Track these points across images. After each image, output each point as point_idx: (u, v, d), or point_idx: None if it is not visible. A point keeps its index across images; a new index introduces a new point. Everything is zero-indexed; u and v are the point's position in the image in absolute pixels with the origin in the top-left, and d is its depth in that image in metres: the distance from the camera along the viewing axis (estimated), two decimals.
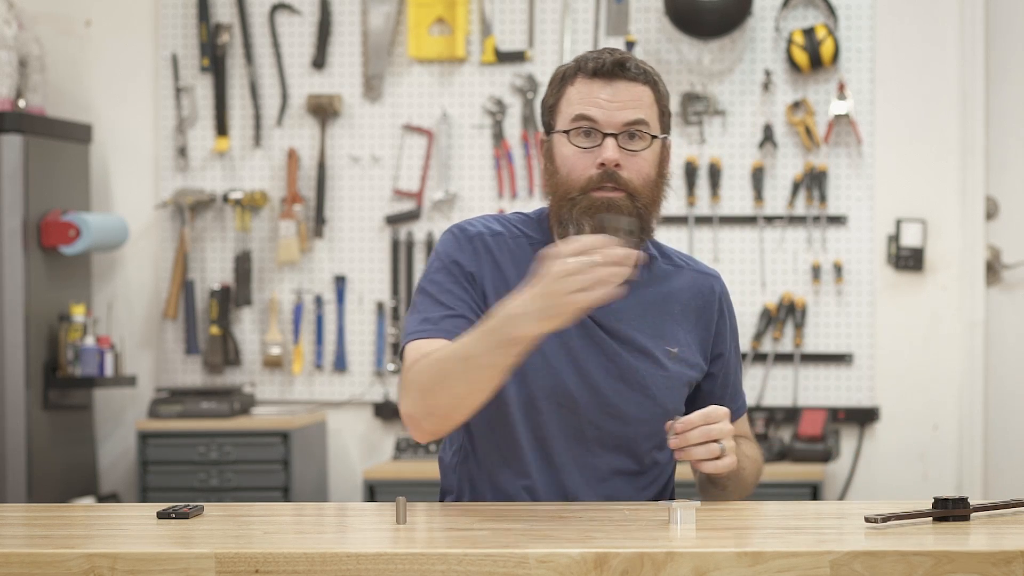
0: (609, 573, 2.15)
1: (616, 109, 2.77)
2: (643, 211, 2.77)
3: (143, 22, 5.97)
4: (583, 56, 2.82)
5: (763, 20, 5.72)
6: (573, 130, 2.77)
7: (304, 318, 5.88)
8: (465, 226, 2.83)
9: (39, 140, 5.56)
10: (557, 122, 2.80)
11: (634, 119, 2.77)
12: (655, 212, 2.81)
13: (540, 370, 2.77)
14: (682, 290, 2.88)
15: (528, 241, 2.83)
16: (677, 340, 2.85)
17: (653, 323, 2.84)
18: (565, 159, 2.78)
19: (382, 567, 2.16)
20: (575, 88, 2.79)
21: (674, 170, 5.73)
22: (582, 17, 5.78)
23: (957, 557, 2.14)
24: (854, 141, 5.68)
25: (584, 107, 2.77)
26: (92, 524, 2.59)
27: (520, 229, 2.85)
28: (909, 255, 5.65)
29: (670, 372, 2.82)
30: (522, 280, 2.70)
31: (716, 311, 2.90)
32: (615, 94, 2.77)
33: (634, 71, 2.79)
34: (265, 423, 5.60)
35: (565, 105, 2.79)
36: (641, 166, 2.78)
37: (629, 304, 2.81)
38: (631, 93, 2.79)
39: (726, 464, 2.64)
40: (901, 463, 5.69)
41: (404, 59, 5.86)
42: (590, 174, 2.76)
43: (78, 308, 5.64)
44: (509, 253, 2.80)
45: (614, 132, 2.76)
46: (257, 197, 5.83)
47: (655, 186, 2.80)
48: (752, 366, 5.73)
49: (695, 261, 2.95)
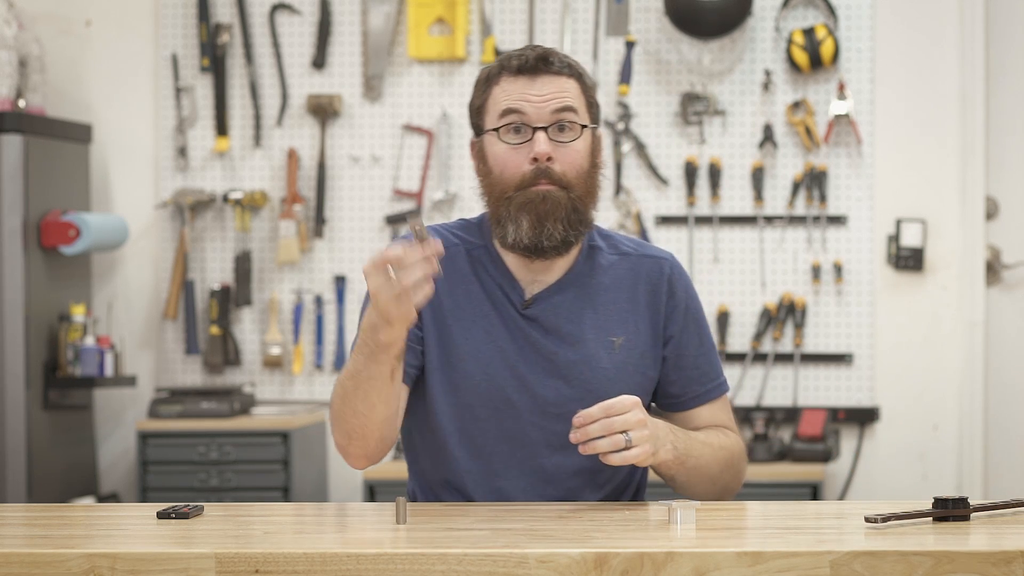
0: (609, 573, 2.15)
1: (543, 102, 2.77)
2: (578, 203, 2.77)
3: (143, 22, 5.97)
4: (506, 55, 2.83)
5: (763, 20, 5.72)
6: (503, 127, 2.77)
7: (304, 318, 5.89)
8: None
9: (39, 140, 5.56)
10: (485, 123, 2.81)
11: (562, 107, 2.77)
12: (591, 203, 2.81)
13: (475, 377, 2.79)
14: (627, 277, 2.86)
15: (465, 246, 2.85)
16: (625, 329, 2.83)
17: (595, 315, 2.82)
18: (497, 157, 2.78)
19: (382, 567, 2.16)
20: (500, 87, 2.79)
21: (674, 170, 5.77)
22: (582, 17, 5.78)
23: (957, 557, 2.14)
24: (854, 141, 5.68)
25: (511, 102, 2.77)
26: (92, 524, 2.59)
27: (457, 235, 2.87)
28: (909, 255, 5.65)
29: (614, 363, 2.81)
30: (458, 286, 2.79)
31: (665, 293, 2.86)
32: (541, 88, 2.77)
33: (558, 64, 2.79)
34: (265, 423, 5.60)
35: (492, 104, 2.80)
36: (573, 157, 2.78)
37: (567, 299, 2.82)
38: (557, 85, 2.78)
39: (634, 455, 2.58)
40: (901, 463, 5.69)
41: (404, 59, 5.86)
42: (523, 171, 2.76)
43: (78, 308, 5.64)
44: (447, 262, 2.77)
45: (543, 125, 2.76)
46: (257, 197, 5.83)
47: (589, 176, 2.80)
48: (752, 366, 5.73)
49: (645, 246, 2.92)
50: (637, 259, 2.87)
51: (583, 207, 2.78)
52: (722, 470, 2.80)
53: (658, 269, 2.87)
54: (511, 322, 2.80)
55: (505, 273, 2.82)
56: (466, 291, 2.82)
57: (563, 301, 2.81)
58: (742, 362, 5.72)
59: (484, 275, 2.83)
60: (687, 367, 2.86)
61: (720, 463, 2.79)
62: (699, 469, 2.75)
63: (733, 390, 5.73)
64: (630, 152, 5.77)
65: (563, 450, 2.76)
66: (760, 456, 5.54)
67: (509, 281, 2.82)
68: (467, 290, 2.82)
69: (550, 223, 2.75)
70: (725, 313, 5.72)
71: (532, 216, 2.75)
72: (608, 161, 5.78)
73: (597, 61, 5.71)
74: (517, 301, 2.81)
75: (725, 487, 2.82)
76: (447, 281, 2.79)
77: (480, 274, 2.83)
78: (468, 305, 2.81)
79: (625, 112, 5.73)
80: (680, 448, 2.70)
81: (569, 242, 2.78)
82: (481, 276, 2.83)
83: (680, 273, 2.89)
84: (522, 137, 2.77)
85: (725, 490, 2.83)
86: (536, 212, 2.75)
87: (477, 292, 2.82)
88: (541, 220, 2.75)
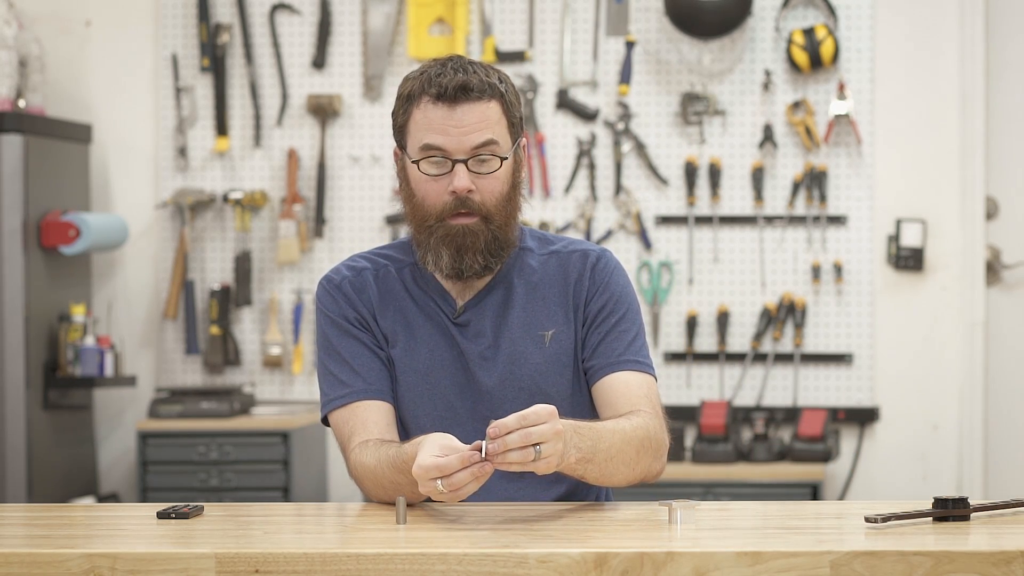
0: (609, 573, 2.15)
1: (463, 135, 2.76)
2: (498, 232, 2.80)
3: (143, 22, 5.97)
4: (428, 72, 2.80)
5: (763, 20, 5.72)
6: (423, 160, 2.78)
7: (304, 318, 5.88)
8: (331, 276, 2.90)
9: (39, 140, 5.56)
10: (408, 143, 2.81)
11: (482, 142, 2.76)
12: (512, 226, 2.83)
13: (418, 388, 2.83)
14: (556, 273, 2.88)
15: (395, 266, 2.89)
16: (555, 322, 2.85)
17: (524, 312, 2.85)
18: (418, 185, 2.80)
19: (382, 567, 2.16)
20: (421, 112, 2.78)
21: (674, 170, 5.76)
22: (582, 17, 5.78)
23: (957, 557, 2.14)
24: (854, 141, 5.68)
25: (431, 136, 2.76)
26: (92, 524, 2.59)
27: (387, 256, 2.91)
28: (909, 255, 5.65)
29: (545, 357, 2.83)
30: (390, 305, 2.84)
31: (587, 279, 2.86)
32: (461, 119, 2.76)
33: (477, 90, 2.76)
34: (265, 423, 5.60)
35: (413, 128, 2.79)
36: (494, 187, 2.79)
37: (495, 300, 2.86)
38: (477, 114, 2.76)
39: (540, 467, 2.50)
40: (901, 463, 5.69)
41: (404, 59, 5.86)
42: (444, 200, 2.78)
43: (78, 308, 5.64)
44: (375, 284, 2.86)
45: (463, 158, 2.77)
46: (257, 197, 5.83)
47: (509, 200, 2.82)
48: (752, 366, 5.73)
49: (578, 242, 2.92)
50: (566, 255, 2.90)
51: (503, 235, 2.81)
52: (639, 452, 2.71)
53: (581, 260, 2.88)
54: (445, 331, 2.84)
55: (436, 287, 2.87)
56: (400, 308, 2.87)
57: (491, 303, 2.86)
58: (742, 362, 5.72)
59: (416, 291, 2.88)
60: (599, 340, 2.85)
61: (635, 446, 2.70)
62: (611, 460, 2.66)
63: (733, 390, 5.73)
64: (630, 152, 5.77)
65: None
66: (760, 456, 5.54)
67: (440, 293, 2.87)
68: (401, 306, 2.87)
69: (469, 256, 2.79)
70: (725, 313, 5.72)
71: (452, 249, 2.79)
72: (608, 161, 5.78)
73: (597, 61, 5.71)
74: (448, 312, 2.86)
75: (646, 469, 2.74)
76: (380, 302, 2.86)
77: (412, 291, 2.88)
78: (404, 322, 2.86)
79: (625, 112, 5.73)
80: (585, 447, 2.60)
81: (490, 268, 2.83)
82: (413, 293, 2.88)
83: (606, 262, 2.89)
84: (442, 168, 2.77)
85: (647, 472, 2.74)
86: (455, 245, 2.79)
87: (411, 308, 2.87)
88: (460, 253, 2.79)
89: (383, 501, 2.74)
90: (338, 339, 2.86)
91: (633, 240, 5.77)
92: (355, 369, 2.83)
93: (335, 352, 2.85)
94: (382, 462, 2.69)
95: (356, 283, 2.88)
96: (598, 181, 5.79)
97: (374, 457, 2.72)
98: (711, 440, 5.53)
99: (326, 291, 2.89)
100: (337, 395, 2.84)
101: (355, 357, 2.84)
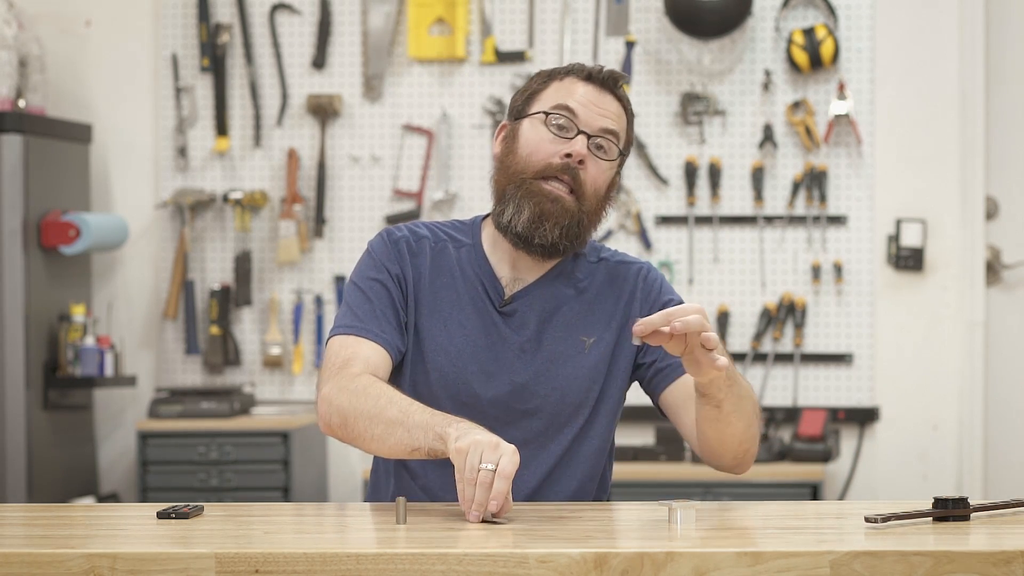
0: (609, 573, 2.15)
1: (599, 114, 2.83)
2: (583, 217, 2.82)
3: (143, 22, 5.97)
4: (578, 63, 2.89)
5: (763, 20, 5.72)
6: (552, 114, 2.82)
7: (304, 318, 5.89)
8: (392, 230, 2.91)
9: (39, 140, 5.56)
10: (533, 107, 2.85)
11: (611, 128, 2.84)
12: (595, 223, 2.87)
13: (443, 369, 2.81)
14: (604, 282, 2.90)
15: (453, 244, 2.89)
16: (597, 330, 2.86)
17: (569, 315, 2.86)
18: (530, 140, 2.82)
19: (382, 567, 2.16)
20: (563, 84, 2.85)
21: (674, 170, 5.77)
22: (582, 17, 5.78)
23: (957, 557, 2.14)
24: (854, 141, 5.69)
25: (569, 99, 2.82)
26: (92, 524, 2.59)
27: (448, 233, 2.91)
28: (909, 255, 5.65)
29: (583, 363, 2.84)
30: (439, 278, 2.83)
31: (640, 291, 2.89)
32: (600, 100, 2.84)
33: (622, 93, 2.88)
34: (265, 423, 5.60)
35: (548, 94, 2.85)
36: (598, 175, 2.84)
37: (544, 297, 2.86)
38: (614, 107, 2.86)
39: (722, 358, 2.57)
40: (901, 463, 5.69)
41: (404, 59, 5.86)
42: (552, 160, 2.81)
43: (78, 308, 5.64)
44: (430, 255, 2.87)
45: (588, 132, 2.82)
46: (257, 197, 5.83)
47: (602, 200, 2.87)
48: (752, 366, 5.73)
49: (625, 255, 2.97)
50: (615, 265, 2.93)
51: (587, 223, 2.84)
52: (754, 413, 2.77)
53: (634, 273, 2.92)
54: (487, 318, 2.84)
55: (488, 272, 2.87)
56: (447, 284, 2.86)
57: (539, 299, 2.85)
58: (742, 362, 5.72)
59: (468, 271, 2.87)
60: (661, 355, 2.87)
61: (753, 404, 2.77)
62: (743, 400, 2.72)
63: None
64: (630, 152, 5.77)
65: (525, 446, 2.77)
66: (760, 456, 5.54)
67: (491, 279, 2.86)
68: (448, 283, 2.86)
69: (548, 224, 2.80)
70: (725, 313, 5.73)
71: (536, 210, 2.79)
72: None
73: (597, 61, 5.71)
74: (496, 298, 2.85)
75: (753, 438, 2.78)
76: (430, 273, 2.85)
77: (464, 270, 2.87)
78: (447, 298, 2.85)
79: None
80: (730, 369, 2.67)
81: (558, 249, 2.83)
82: (465, 272, 2.87)
83: (655, 275, 2.94)
84: (565, 133, 2.81)
85: (752, 441, 2.78)
86: (541, 208, 2.79)
87: (459, 286, 2.86)
88: (542, 218, 2.79)
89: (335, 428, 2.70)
90: (372, 282, 2.84)
91: (633, 240, 5.77)
92: (376, 314, 2.81)
93: (363, 292, 2.83)
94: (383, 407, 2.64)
95: (413, 246, 2.88)
96: None
97: (373, 397, 2.66)
98: None
99: (382, 239, 2.89)
100: (352, 323, 2.81)
101: (381, 303, 2.82)
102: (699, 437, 2.79)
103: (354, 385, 2.71)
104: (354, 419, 2.68)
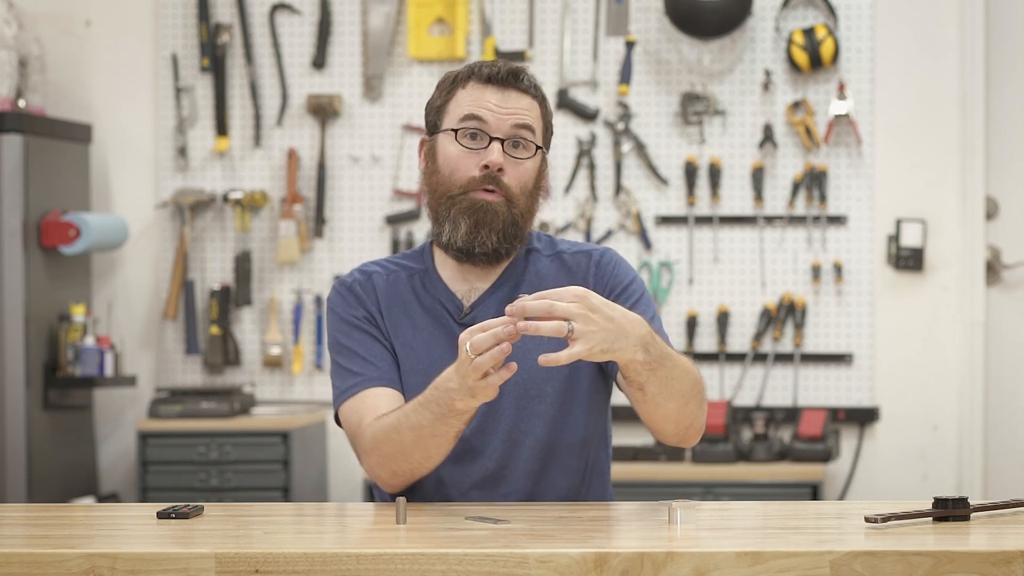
0: (609, 573, 2.15)
1: (505, 115, 2.83)
2: (518, 217, 2.84)
3: (143, 22, 5.97)
4: (477, 63, 2.89)
5: (763, 20, 5.72)
6: (461, 129, 2.83)
7: (304, 318, 5.89)
8: (343, 279, 2.95)
9: (39, 140, 5.56)
10: (444, 121, 2.87)
11: (522, 124, 2.84)
12: (529, 220, 2.87)
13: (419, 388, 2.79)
14: (560, 272, 2.90)
15: (406, 273, 2.93)
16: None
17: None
18: (449, 158, 2.84)
19: (382, 567, 2.16)
20: (466, 91, 2.86)
21: (674, 170, 5.77)
22: (582, 17, 5.78)
23: (957, 557, 2.14)
24: (854, 141, 5.68)
25: (474, 108, 2.83)
26: (92, 524, 2.59)
27: (399, 264, 2.95)
28: (909, 255, 5.65)
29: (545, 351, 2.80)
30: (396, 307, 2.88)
31: (592, 276, 2.89)
32: (505, 100, 2.84)
33: (526, 83, 2.87)
34: (265, 423, 5.60)
35: (454, 106, 2.86)
36: (522, 174, 2.85)
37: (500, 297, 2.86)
38: (521, 103, 2.85)
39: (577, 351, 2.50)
40: (901, 463, 5.69)
41: (404, 59, 5.86)
42: (472, 174, 2.83)
43: (78, 308, 5.64)
44: (384, 287, 2.91)
45: (501, 137, 2.83)
46: (257, 197, 5.83)
47: (531, 196, 2.87)
48: (752, 366, 5.73)
49: (582, 245, 2.96)
50: (571, 256, 2.93)
51: (522, 222, 2.85)
52: (693, 389, 2.73)
53: (587, 259, 2.92)
54: (450, 331, 2.86)
55: (444, 290, 2.90)
56: (405, 310, 2.89)
57: (495, 303, 2.87)
58: (742, 362, 5.72)
59: (424, 295, 2.90)
60: None
61: (692, 381, 2.72)
62: (672, 381, 2.67)
63: (733, 390, 5.73)
64: (630, 152, 5.77)
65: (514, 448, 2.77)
66: (760, 456, 5.54)
67: (447, 296, 2.89)
68: (407, 309, 2.89)
69: (485, 231, 2.82)
70: (725, 313, 5.72)
71: (471, 221, 2.82)
72: (608, 161, 5.78)
73: (597, 61, 5.71)
74: (455, 312, 2.88)
75: (693, 414, 2.75)
76: (386, 305, 2.89)
77: (420, 295, 2.90)
78: (409, 324, 2.89)
79: (625, 112, 5.73)
80: (654, 354, 2.61)
81: (500, 253, 2.85)
82: (421, 296, 2.90)
83: (610, 258, 2.92)
84: (478, 144, 2.83)
85: (693, 419, 2.76)
86: (475, 218, 2.82)
87: (417, 311, 2.89)
88: (478, 227, 2.82)
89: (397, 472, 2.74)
90: (347, 336, 2.88)
91: (633, 240, 5.77)
92: (365, 358, 2.85)
93: (344, 348, 2.88)
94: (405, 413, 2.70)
95: (365, 285, 2.92)
96: (598, 181, 5.79)
97: (393, 416, 2.72)
98: (711, 440, 5.53)
99: (337, 293, 2.93)
100: (348, 385, 2.85)
101: (365, 348, 2.86)
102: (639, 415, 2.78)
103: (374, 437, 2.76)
104: (401, 453, 2.73)
